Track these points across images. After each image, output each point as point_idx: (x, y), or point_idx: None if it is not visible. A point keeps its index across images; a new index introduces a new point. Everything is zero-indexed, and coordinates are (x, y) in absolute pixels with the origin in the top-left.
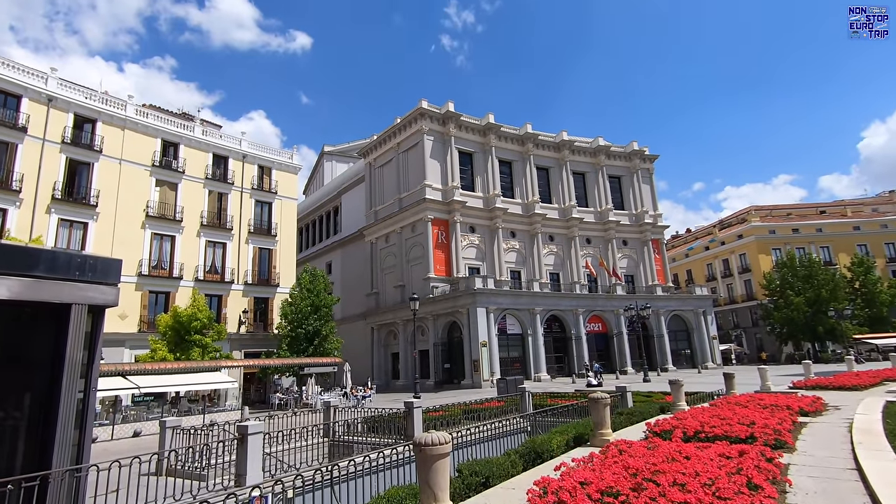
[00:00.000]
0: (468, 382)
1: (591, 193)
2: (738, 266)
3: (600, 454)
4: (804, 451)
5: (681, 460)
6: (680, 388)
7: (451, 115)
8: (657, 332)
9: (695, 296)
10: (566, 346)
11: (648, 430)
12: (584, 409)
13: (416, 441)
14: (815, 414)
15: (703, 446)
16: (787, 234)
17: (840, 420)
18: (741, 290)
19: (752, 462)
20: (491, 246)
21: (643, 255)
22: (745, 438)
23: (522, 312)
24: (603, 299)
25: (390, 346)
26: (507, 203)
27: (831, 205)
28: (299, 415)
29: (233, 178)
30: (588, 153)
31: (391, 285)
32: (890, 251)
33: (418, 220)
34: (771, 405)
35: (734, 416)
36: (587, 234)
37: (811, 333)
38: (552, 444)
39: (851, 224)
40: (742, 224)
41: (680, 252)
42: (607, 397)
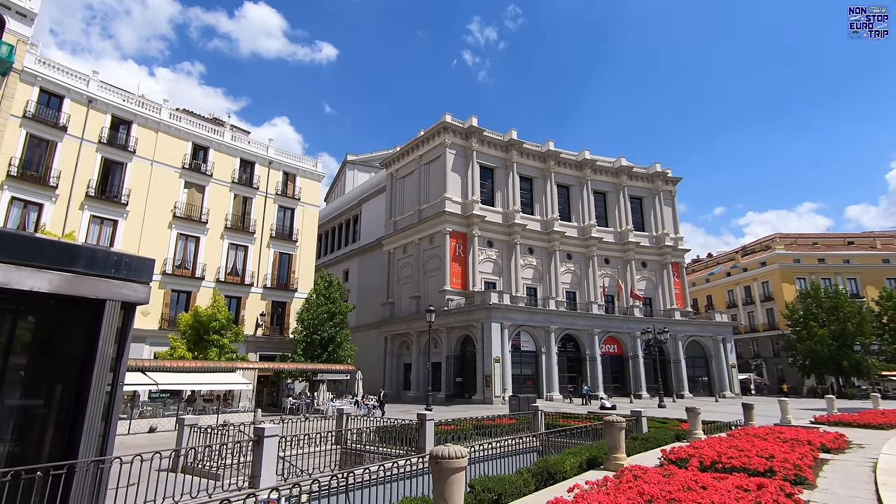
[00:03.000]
0: (479, 398)
1: (611, 213)
2: (761, 294)
3: (615, 478)
4: (825, 489)
5: (697, 490)
6: (697, 415)
7: (474, 129)
8: (674, 357)
9: (714, 322)
10: (580, 367)
11: (664, 456)
12: (597, 431)
13: (432, 453)
14: (837, 451)
15: (721, 477)
16: (812, 264)
17: (864, 459)
18: (763, 319)
19: (771, 496)
20: (508, 261)
21: (662, 278)
22: (764, 472)
23: (537, 330)
24: (620, 321)
25: (403, 357)
26: (527, 219)
27: (860, 236)
28: (311, 420)
29: (258, 183)
30: (610, 173)
31: (407, 296)
32: None
33: (437, 232)
34: (791, 439)
35: (753, 448)
36: (606, 253)
37: (835, 367)
38: (565, 466)
39: (881, 256)
40: (766, 251)
41: (700, 277)
42: (623, 421)
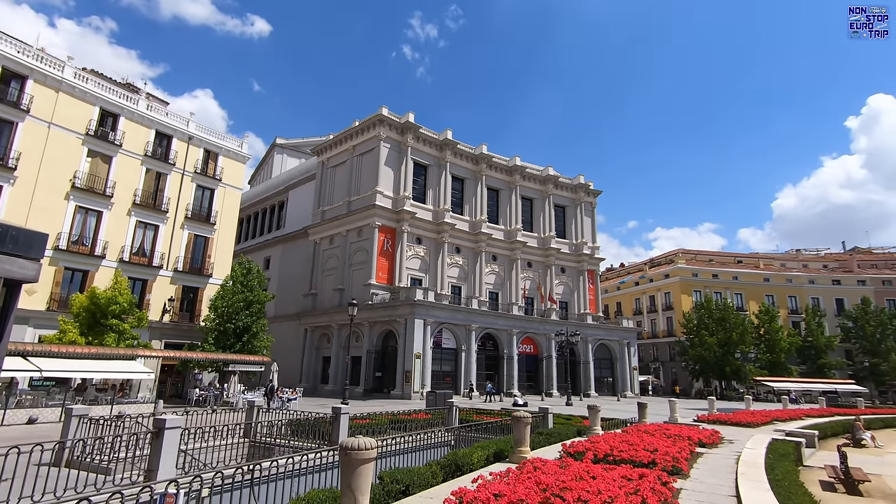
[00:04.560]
0: (398, 393)
1: (536, 219)
2: (663, 303)
3: (516, 470)
4: (696, 478)
5: (587, 479)
6: (597, 413)
7: (411, 125)
8: (584, 359)
9: (621, 327)
10: (498, 365)
11: (564, 450)
12: (507, 426)
13: (342, 444)
14: (711, 446)
15: (610, 468)
16: (707, 279)
17: (731, 452)
18: (663, 326)
19: (649, 485)
20: (435, 259)
21: (578, 284)
22: (648, 463)
23: (459, 328)
24: (537, 322)
25: (322, 350)
26: (456, 219)
27: (747, 256)
28: (219, 413)
29: (175, 159)
30: (538, 181)
31: (330, 288)
32: (792, 303)
33: (366, 225)
34: (675, 435)
35: (641, 442)
36: (529, 257)
37: (719, 372)
38: (473, 458)
39: (762, 275)
40: (669, 265)
41: (612, 284)
42: (529, 417)
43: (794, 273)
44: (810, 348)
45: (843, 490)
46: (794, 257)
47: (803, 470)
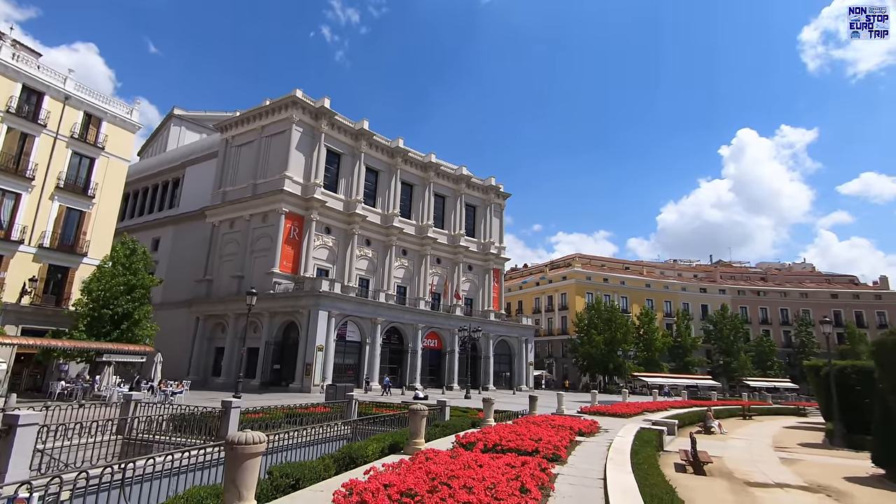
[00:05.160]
0: (297, 386)
1: (448, 217)
2: (559, 303)
3: (409, 461)
4: (572, 464)
5: (475, 468)
6: (491, 406)
7: (326, 111)
8: (485, 354)
9: (521, 325)
10: (402, 359)
11: (457, 441)
12: (406, 419)
13: (228, 439)
14: (589, 434)
15: (497, 457)
16: (599, 282)
17: (605, 440)
18: (558, 325)
19: (530, 471)
20: (344, 250)
21: (484, 282)
22: (532, 452)
23: (365, 321)
24: (443, 318)
25: (215, 340)
26: (368, 211)
27: (633, 263)
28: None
29: (46, 120)
30: (451, 179)
31: (228, 274)
32: (667, 308)
33: (272, 210)
34: (559, 425)
35: (528, 432)
36: (439, 254)
37: (604, 368)
38: (368, 451)
39: (645, 281)
40: (567, 268)
41: (515, 284)
42: (426, 410)
43: (670, 281)
44: (679, 348)
45: (692, 471)
46: (671, 266)
47: (663, 454)
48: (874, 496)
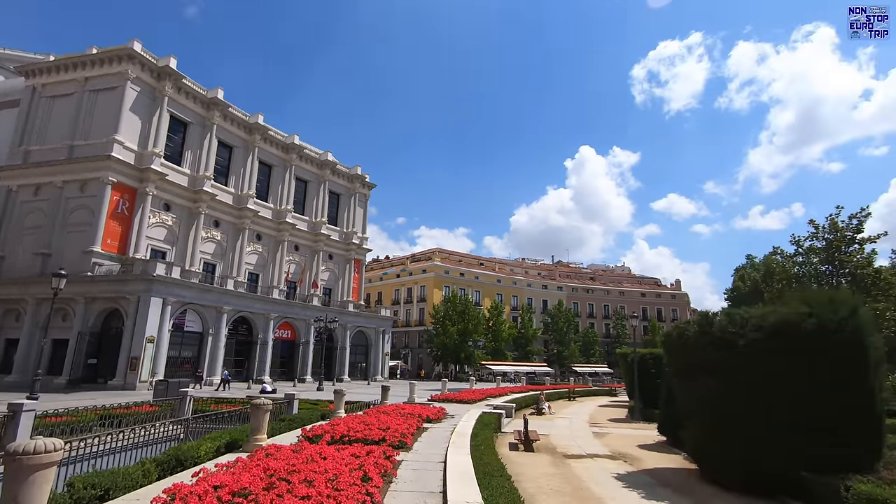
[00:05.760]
0: (119, 383)
1: (309, 203)
2: (418, 296)
3: (247, 458)
4: (417, 450)
5: (318, 461)
6: (342, 397)
7: (171, 72)
8: (341, 345)
9: (380, 316)
10: (251, 351)
11: (303, 435)
12: (246, 414)
13: (8, 449)
14: (437, 421)
15: (343, 448)
16: (456, 277)
17: (450, 425)
18: (416, 316)
19: (374, 459)
20: (187, 231)
21: (344, 272)
22: (379, 441)
23: (208, 310)
24: (298, 307)
25: (7, 330)
26: (219, 189)
27: (487, 260)
28: None
29: None
30: (316, 164)
31: (30, 251)
32: (514, 302)
33: (94, 178)
34: (408, 414)
35: (377, 422)
36: (297, 241)
37: (456, 357)
38: (199, 451)
39: (496, 277)
40: (428, 261)
41: (376, 275)
42: (269, 404)
43: (518, 277)
44: (522, 338)
45: (523, 448)
46: (520, 264)
47: (500, 436)
48: (656, 458)
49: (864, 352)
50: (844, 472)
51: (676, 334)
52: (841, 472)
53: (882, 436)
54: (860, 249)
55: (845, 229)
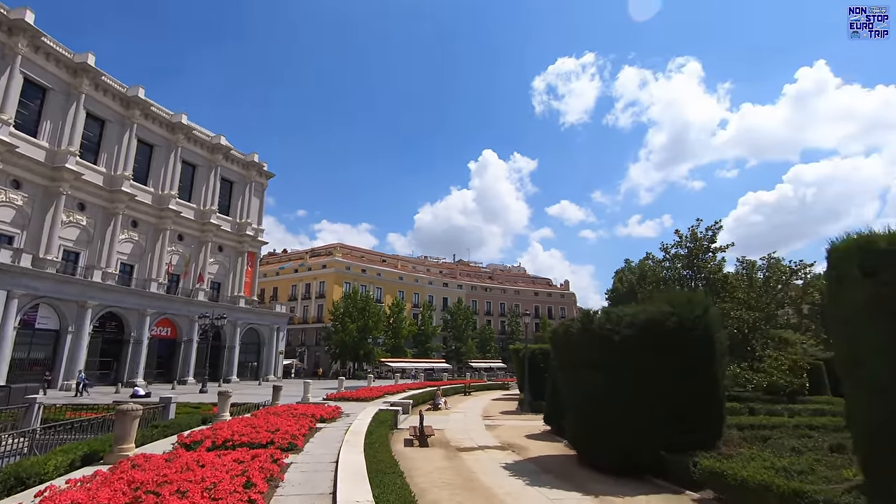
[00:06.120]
0: None
1: (198, 189)
2: (317, 291)
3: (108, 471)
4: (308, 451)
5: (195, 469)
6: (227, 399)
7: (26, 27)
8: (230, 343)
9: (274, 312)
10: (121, 350)
11: (179, 442)
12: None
13: None
14: (331, 420)
15: (225, 453)
16: (358, 273)
17: (345, 424)
18: (314, 313)
19: (259, 464)
20: (43, 213)
21: (236, 265)
22: (266, 444)
23: (68, 304)
24: (181, 303)
25: None
26: (85, 167)
27: (390, 257)
28: None
29: None
30: (206, 147)
31: None
32: (416, 299)
33: None
34: (301, 414)
35: (266, 424)
36: (182, 230)
37: (355, 355)
38: (48, 467)
39: (399, 274)
40: (328, 256)
41: (272, 269)
42: (139, 409)
43: (420, 275)
44: (422, 335)
45: (418, 444)
46: (422, 262)
47: (396, 432)
48: (542, 447)
49: (713, 345)
50: (693, 451)
51: (562, 331)
52: (691, 451)
53: (723, 418)
54: (713, 257)
55: (703, 239)
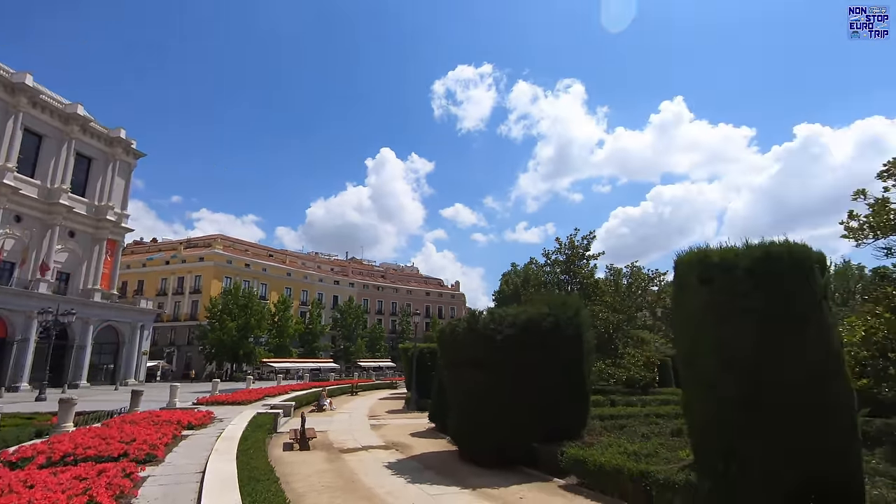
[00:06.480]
0: None
1: (44, 163)
2: (192, 286)
3: None
4: (170, 462)
5: (21, 491)
6: (70, 407)
7: None
8: (80, 343)
9: (138, 308)
10: None
11: (2, 460)
12: None
13: None
14: (201, 426)
15: (64, 470)
16: (241, 267)
17: (217, 430)
18: (187, 310)
19: (107, 480)
20: None
21: (92, 254)
22: (118, 456)
23: None
24: (13, 295)
25: None
26: None
27: (278, 251)
28: None
29: None
30: (59, 116)
31: None
32: (304, 296)
33: None
34: (164, 421)
35: (120, 434)
36: (21, 209)
37: (234, 355)
38: None
39: (286, 270)
40: (207, 248)
41: (138, 260)
42: None
43: (310, 272)
44: (310, 334)
45: (298, 447)
46: (313, 258)
47: (276, 436)
48: (426, 444)
49: (582, 344)
50: (562, 441)
51: (449, 330)
52: (560, 442)
53: (589, 410)
54: (587, 264)
55: (579, 247)
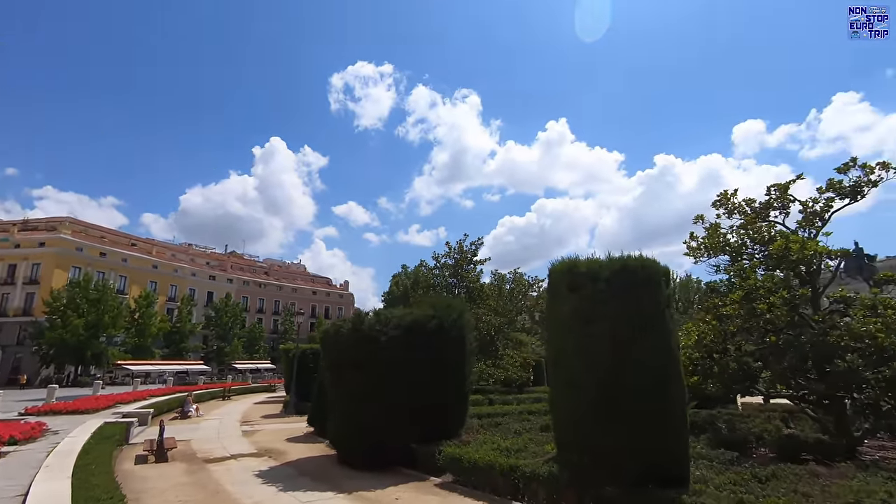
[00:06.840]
0: None
1: None
2: (28, 276)
3: None
4: None
5: None
6: None
7: None
8: None
9: None
10: None
11: None
12: None
13: None
14: (29, 440)
15: None
16: (94, 256)
17: (49, 445)
18: (20, 303)
19: None
20: None
21: None
22: None
23: None
24: None
25: None
26: None
27: (143, 240)
28: None
29: None
30: None
31: None
32: (173, 292)
33: None
34: None
35: None
36: None
37: (79, 357)
38: None
39: (152, 262)
40: (51, 232)
41: None
42: None
43: (181, 265)
44: (177, 333)
45: (154, 460)
46: (185, 250)
47: (126, 448)
48: (302, 449)
49: (465, 345)
50: (440, 441)
51: (332, 331)
52: (438, 441)
53: (467, 409)
54: (474, 269)
55: (467, 252)
